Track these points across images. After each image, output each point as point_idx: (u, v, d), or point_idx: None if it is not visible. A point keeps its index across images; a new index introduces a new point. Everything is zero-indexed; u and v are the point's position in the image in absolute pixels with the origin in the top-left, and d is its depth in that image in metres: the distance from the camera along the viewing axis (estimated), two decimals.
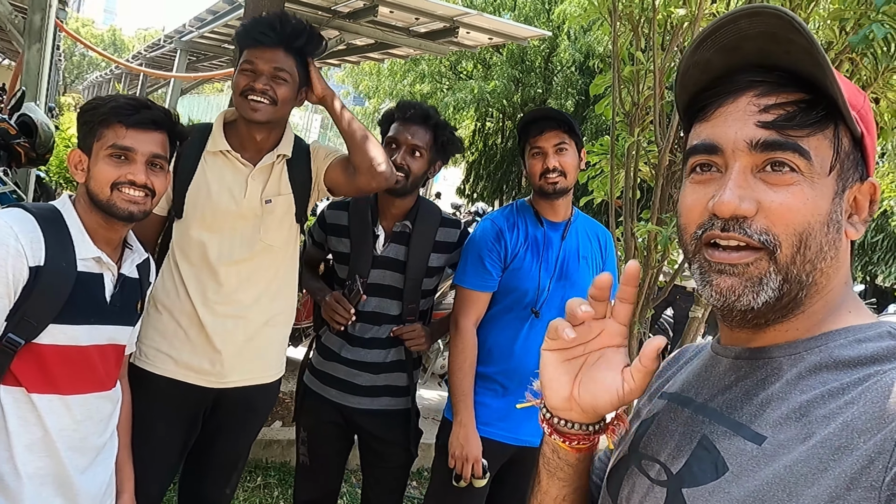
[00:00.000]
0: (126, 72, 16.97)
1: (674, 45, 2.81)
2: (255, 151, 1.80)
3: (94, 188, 1.36)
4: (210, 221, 1.76)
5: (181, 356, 1.77)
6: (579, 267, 1.98)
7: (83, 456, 1.37)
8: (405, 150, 1.95)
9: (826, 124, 0.64)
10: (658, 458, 0.69)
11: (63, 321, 1.31)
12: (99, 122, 1.36)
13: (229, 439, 1.90)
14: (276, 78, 1.69)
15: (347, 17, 5.73)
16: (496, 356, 1.95)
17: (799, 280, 0.63)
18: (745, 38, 0.64)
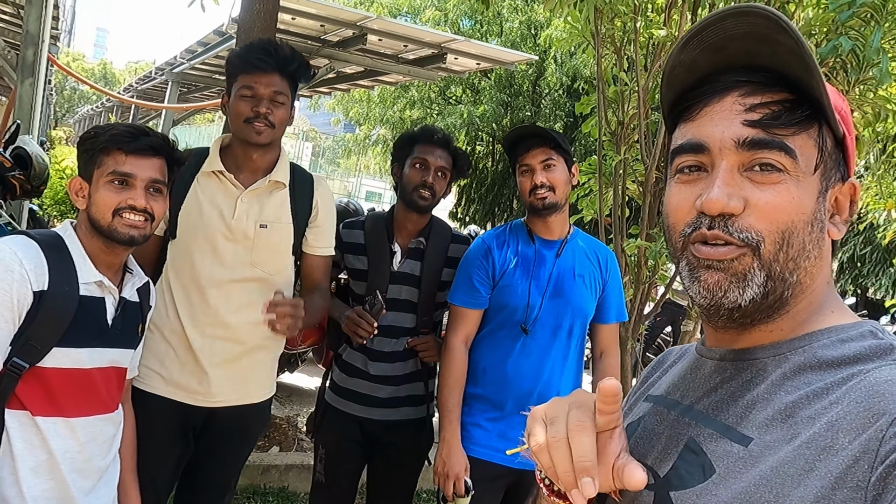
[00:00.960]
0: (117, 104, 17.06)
1: (656, 65, 2.89)
2: (250, 173, 1.84)
3: (96, 214, 1.40)
4: (201, 242, 1.80)
5: (171, 375, 1.80)
6: (574, 285, 1.96)
7: (87, 478, 1.39)
8: (434, 171, 2.06)
9: (810, 124, 0.64)
10: (645, 462, 0.69)
11: (66, 344, 1.34)
12: (99, 150, 1.40)
13: (220, 459, 1.92)
14: (274, 101, 1.76)
15: (337, 46, 5.83)
16: (489, 376, 1.96)
17: (783, 278, 0.64)
18: (732, 38, 0.64)
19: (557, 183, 1.90)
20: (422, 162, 2.06)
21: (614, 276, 2.05)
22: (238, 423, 1.89)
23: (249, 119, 1.74)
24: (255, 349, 1.87)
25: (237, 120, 1.77)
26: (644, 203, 3.00)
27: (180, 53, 8.59)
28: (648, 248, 2.77)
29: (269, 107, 1.75)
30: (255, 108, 1.74)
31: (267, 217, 1.85)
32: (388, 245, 2.11)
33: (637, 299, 3.01)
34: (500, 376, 1.93)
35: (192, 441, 1.88)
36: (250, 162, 1.83)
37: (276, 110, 1.77)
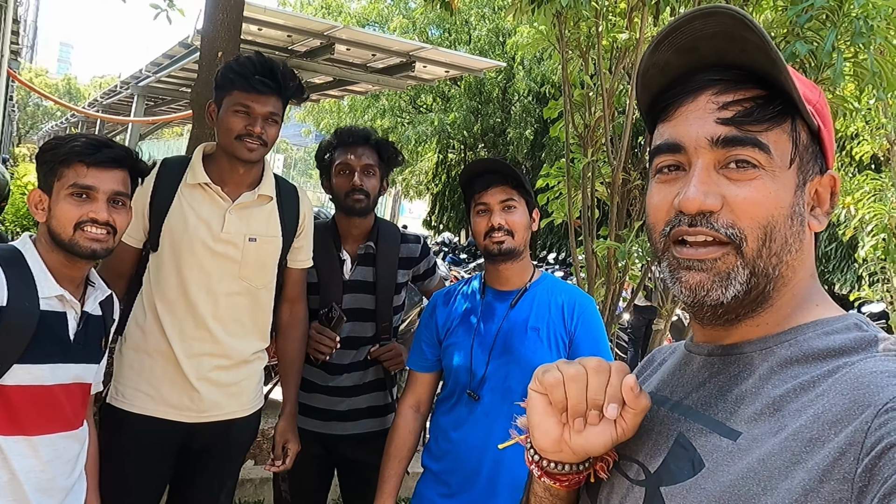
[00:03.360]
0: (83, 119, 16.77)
1: (619, 68, 2.93)
2: (235, 186, 1.82)
3: (56, 227, 1.37)
4: (188, 255, 1.76)
5: (159, 393, 1.75)
6: (526, 339, 1.65)
7: (52, 498, 1.35)
8: (360, 171, 1.99)
9: (783, 118, 0.65)
10: (636, 458, 0.70)
11: (28, 361, 1.31)
12: (60, 162, 1.37)
13: (210, 475, 1.88)
14: (268, 121, 1.75)
15: (305, 56, 5.81)
16: (440, 446, 1.74)
17: (766, 273, 0.64)
18: (701, 38, 0.65)
19: (517, 227, 1.66)
20: (345, 166, 2.00)
21: (587, 325, 1.68)
22: (229, 436, 1.85)
23: (241, 136, 1.73)
24: (242, 363, 1.84)
25: (228, 135, 1.74)
26: (612, 204, 3.03)
27: (146, 66, 8.47)
28: (618, 248, 2.80)
29: (263, 126, 1.74)
30: (248, 126, 1.72)
31: (256, 231, 1.82)
32: (336, 254, 2.04)
33: (609, 300, 3.04)
34: (447, 447, 1.71)
35: (179, 458, 1.84)
36: (237, 175, 1.81)
37: (269, 129, 1.76)
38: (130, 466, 1.73)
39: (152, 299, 1.77)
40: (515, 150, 12.72)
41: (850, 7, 2.17)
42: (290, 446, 1.90)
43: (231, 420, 1.83)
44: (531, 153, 12.97)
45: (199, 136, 3.22)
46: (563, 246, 13.45)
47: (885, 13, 2.25)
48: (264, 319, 1.89)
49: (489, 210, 1.66)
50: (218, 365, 1.78)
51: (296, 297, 1.96)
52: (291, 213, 1.88)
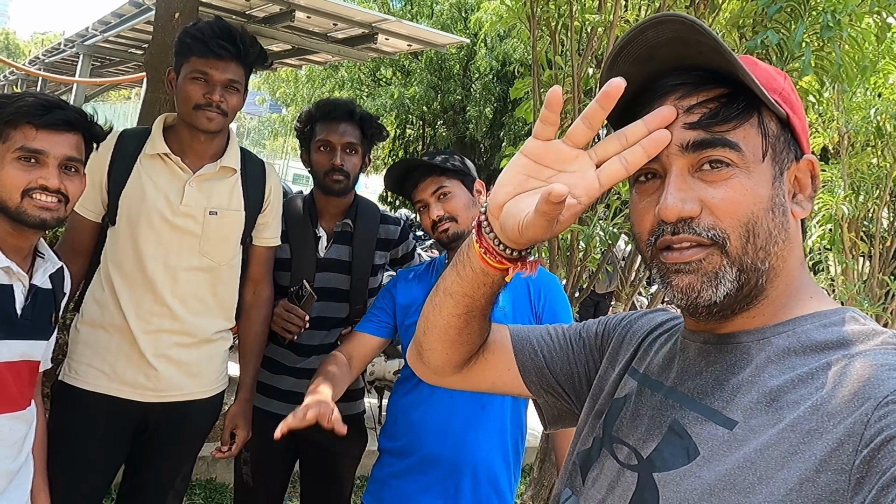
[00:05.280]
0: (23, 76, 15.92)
1: (589, 51, 2.92)
2: (196, 157, 1.75)
3: (2, 194, 1.28)
4: (145, 228, 1.68)
5: (114, 370, 1.68)
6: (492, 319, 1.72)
7: None
8: (341, 150, 1.91)
9: (750, 113, 0.66)
10: (627, 442, 0.70)
11: None
12: (5, 123, 1.28)
13: (166, 457, 1.82)
14: (228, 88, 1.68)
15: (263, 22, 5.62)
16: (399, 425, 1.73)
17: (755, 268, 0.65)
18: (657, 46, 0.66)
19: (457, 210, 1.67)
20: (325, 143, 1.92)
21: (553, 304, 1.69)
22: (187, 418, 1.79)
23: (200, 105, 1.66)
24: (203, 342, 1.78)
25: (186, 104, 1.67)
26: None
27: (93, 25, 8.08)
28: (581, 231, 2.80)
29: (222, 94, 1.67)
30: (207, 94, 1.66)
31: (217, 204, 1.75)
32: (311, 230, 1.98)
33: (570, 282, 3.05)
34: (406, 428, 1.70)
35: (134, 439, 1.77)
36: (198, 145, 1.74)
37: (230, 98, 1.70)
38: (82, 447, 1.66)
39: (109, 273, 1.69)
40: (475, 129, 12.66)
41: (817, 1, 2.20)
42: (238, 432, 1.84)
43: (190, 401, 1.77)
44: (490, 132, 12.93)
45: (153, 100, 3.08)
46: None
47: (850, 9, 2.29)
48: (228, 298, 1.82)
49: (426, 204, 1.68)
50: (177, 342, 1.72)
51: (260, 277, 1.89)
52: (256, 187, 1.81)
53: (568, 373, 0.89)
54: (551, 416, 0.94)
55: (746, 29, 2.43)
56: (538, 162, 0.67)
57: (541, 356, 0.91)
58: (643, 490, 0.65)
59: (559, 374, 0.90)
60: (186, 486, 1.93)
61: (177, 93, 1.71)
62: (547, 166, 0.67)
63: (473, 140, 13.15)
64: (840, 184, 4.58)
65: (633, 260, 3.30)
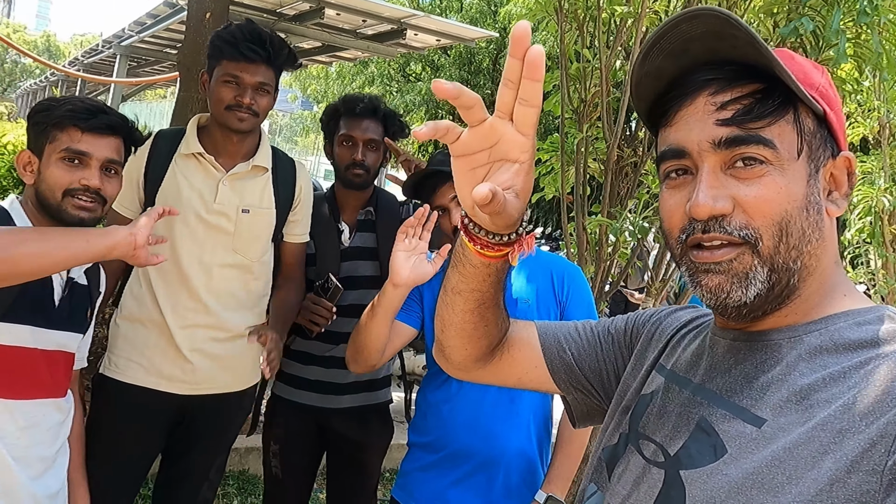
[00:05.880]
0: (63, 78, 16.36)
1: (618, 43, 2.89)
2: (229, 157, 1.79)
3: (45, 191, 1.33)
4: (180, 225, 1.73)
5: (152, 364, 1.73)
6: (517, 312, 1.60)
7: (29, 468, 1.32)
8: (363, 146, 1.95)
9: (785, 109, 0.64)
10: (654, 439, 0.70)
11: (8, 320, 1.27)
12: (53, 124, 1.33)
13: (200, 448, 1.86)
14: (258, 91, 1.72)
15: (293, 20, 5.67)
16: (429, 420, 1.71)
17: (787, 268, 0.63)
18: (690, 40, 0.65)
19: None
20: (348, 138, 1.96)
21: (578, 295, 1.66)
22: (220, 411, 1.83)
23: (231, 107, 1.70)
24: (236, 337, 1.81)
25: (218, 105, 1.72)
26: (606, 181, 3.01)
27: (129, 26, 8.26)
28: (609, 225, 2.78)
29: (252, 97, 1.71)
30: (238, 96, 1.70)
31: (249, 202, 1.79)
32: (334, 224, 2.02)
33: (598, 277, 3.03)
34: (437, 421, 1.67)
35: (171, 431, 1.82)
36: (230, 145, 1.78)
37: (260, 99, 1.73)
38: (121, 437, 1.72)
39: (146, 269, 1.74)
40: None
41: None
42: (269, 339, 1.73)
43: (224, 395, 1.81)
44: None
45: (185, 99, 3.14)
46: (549, 220, 13.44)
47: None
48: (260, 294, 1.86)
49: (447, 210, 1.65)
50: (212, 337, 1.76)
51: (292, 272, 1.92)
52: (287, 185, 1.85)
53: (596, 369, 0.89)
54: (580, 413, 0.93)
55: (780, 16, 2.38)
56: (468, 154, 0.65)
57: (569, 353, 0.90)
58: (669, 487, 0.64)
59: (588, 371, 0.89)
60: (221, 477, 1.97)
61: (209, 94, 1.75)
62: (479, 151, 0.64)
63: None
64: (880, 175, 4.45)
65: (663, 254, 3.26)
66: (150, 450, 1.82)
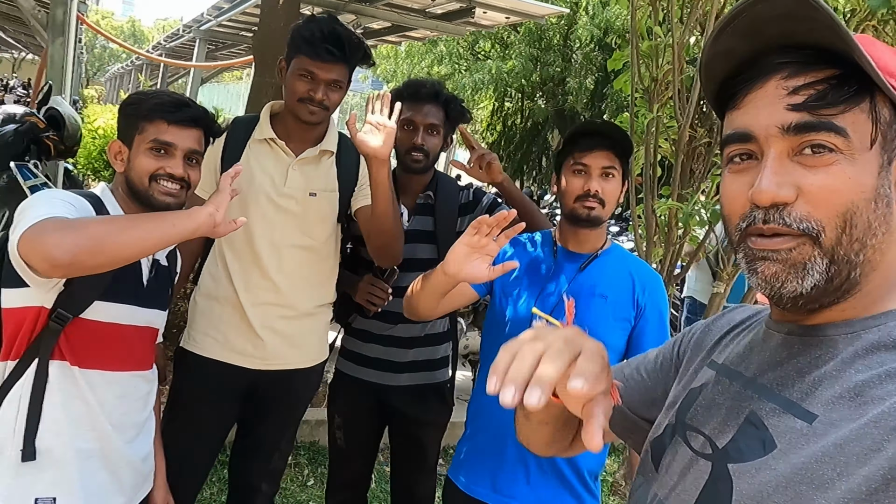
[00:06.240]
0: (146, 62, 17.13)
1: (692, 18, 2.79)
2: (300, 142, 1.86)
3: (134, 178, 1.42)
4: (253, 208, 1.81)
5: (226, 339, 1.83)
6: (591, 304, 1.61)
7: (124, 433, 1.43)
8: (423, 130, 1.97)
9: (861, 97, 0.61)
10: (703, 431, 0.69)
11: (107, 299, 1.37)
12: (142, 117, 1.42)
13: (270, 421, 1.96)
14: (331, 86, 1.78)
15: (363, 1, 5.73)
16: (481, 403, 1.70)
17: (848, 260, 0.61)
18: (766, 21, 0.63)
19: (610, 197, 1.61)
20: (409, 122, 1.96)
21: (656, 302, 1.64)
22: (288, 386, 1.92)
23: (303, 100, 1.76)
24: (304, 315, 1.89)
25: (291, 96, 1.78)
26: (676, 163, 2.93)
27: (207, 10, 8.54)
28: (680, 209, 2.71)
29: (325, 92, 1.76)
30: (311, 91, 1.75)
31: (316, 185, 1.86)
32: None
33: (667, 260, 2.97)
34: (487, 403, 1.65)
35: (244, 403, 1.92)
36: (301, 132, 1.85)
37: (332, 94, 1.79)
38: (198, 407, 1.83)
39: (222, 249, 1.84)
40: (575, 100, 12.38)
41: None
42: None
43: (293, 370, 1.89)
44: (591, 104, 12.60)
45: (260, 84, 3.25)
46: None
47: None
48: (327, 274, 1.93)
49: (587, 173, 1.59)
50: (281, 315, 1.84)
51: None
52: (350, 168, 1.90)
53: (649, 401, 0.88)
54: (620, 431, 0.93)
55: None
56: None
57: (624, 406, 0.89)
58: (716, 480, 0.64)
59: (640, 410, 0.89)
60: (291, 448, 2.07)
61: (285, 83, 1.81)
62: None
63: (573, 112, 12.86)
64: None
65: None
66: (225, 420, 1.93)
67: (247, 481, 1.99)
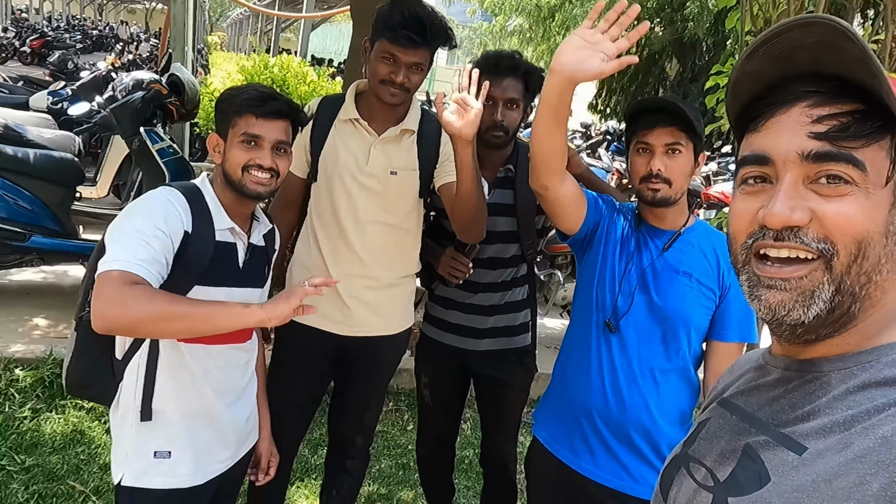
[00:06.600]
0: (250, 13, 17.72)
1: None
2: (382, 122, 1.92)
3: (228, 169, 1.55)
4: (338, 185, 1.91)
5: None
6: (674, 282, 1.58)
7: (227, 396, 1.61)
8: (502, 105, 1.95)
9: (883, 134, 0.62)
10: (704, 462, 0.72)
11: (205, 283, 1.52)
12: (233, 112, 1.55)
13: (360, 383, 2.12)
14: (412, 69, 1.81)
15: None
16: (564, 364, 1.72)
17: (852, 292, 0.62)
18: (799, 47, 0.64)
19: (677, 175, 1.55)
20: (487, 97, 1.89)
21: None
22: (375, 351, 2.05)
23: (385, 82, 1.81)
24: (388, 286, 2.00)
25: (374, 78, 1.83)
26: None
27: None
28: None
29: (406, 75, 1.80)
30: (392, 74, 1.79)
31: (397, 164, 1.92)
32: None
33: None
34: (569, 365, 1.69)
35: (336, 366, 2.08)
36: (383, 112, 1.91)
37: (413, 77, 1.82)
38: (295, 368, 2.01)
39: (312, 223, 1.98)
40: (696, 26, 11.50)
41: None
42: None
43: (379, 337, 2.02)
44: (714, 28, 11.67)
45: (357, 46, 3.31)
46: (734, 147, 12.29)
47: None
48: (409, 248, 2.02)
49: (651, 151, 1.56)
50: (366, 286, 1.96)
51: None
52: (431, 146, 1.95)
53: None
54: None
55: None
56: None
57: None
58: None
59: None
60: (381, 407, 2.25)
61: (368, 64, 1.87)
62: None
63: (694, 39, 11.99)
64: None
65: None
66: (319, 380, 2.11)
67: (342, 434, 2.19)
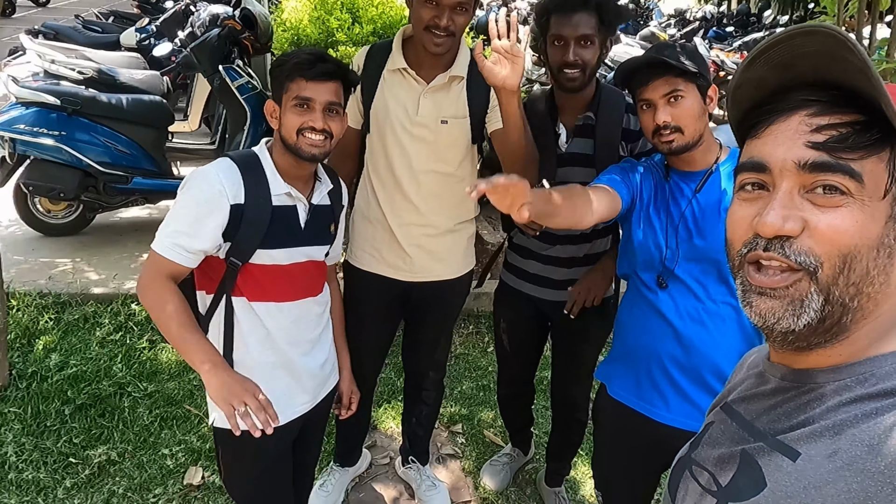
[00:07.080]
0: None
1: None
2: (429, 69, 1.89)
3: (284, 134, 1.61)
4: (391, 136, 1.92)
5: (381, 255, 2.05)
6: (719, 223, 1.52)
7: (299, 347, 1.73)
8: (574, 44, 1.81)
9: (882, 146, 0.61)
10: (706, 467, 0.75)
11: (266, 247, 1.62)
12: (286, 77, 1.58)
13: (427, 324, 2.22)
14: (456, 10, 1.75)
15: None
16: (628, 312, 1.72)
17: (842, 303, 0.62)
18: (801, 55, 0.64)
19: (686, 120, 1.51)
20: (558, 38, 1.81)
21: None
22: (439, 295, 2.12)
23: (429, 27, 1.76)
24: (447, 232, 2.03)
25: (417, 24, 1.79)
26: None
27: None
28: None
29: (450, 17, 1.74)
30: (436, 18, 1.74)
31: (447, 113, 1.89)
32: (551, 126, 1.96)
33: None
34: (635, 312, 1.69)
35: (403, 306, 2.18)
36: (431, 59, 1.86)
37: (457, 18, 1.75)
38: (364, 311, 2.11)
39: (369, 174, 2.02)
40: None
41: None
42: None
43: (441, 281, 2.08)
44: None
45: None
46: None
47: None
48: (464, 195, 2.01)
49: (653, 106, 1.54)
50: (424, 233, 2.00)
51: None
52: (480, 94, 1.90)
53: None
54: None
55: None
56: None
57: None
58: None
59: None
60: (449, 343, 2.36)
61: (411, 10, 1.82)
62: None
63: None
64: None
65: None
66: (389, 321, 2.21)
67: (416, 369, 2.33)
